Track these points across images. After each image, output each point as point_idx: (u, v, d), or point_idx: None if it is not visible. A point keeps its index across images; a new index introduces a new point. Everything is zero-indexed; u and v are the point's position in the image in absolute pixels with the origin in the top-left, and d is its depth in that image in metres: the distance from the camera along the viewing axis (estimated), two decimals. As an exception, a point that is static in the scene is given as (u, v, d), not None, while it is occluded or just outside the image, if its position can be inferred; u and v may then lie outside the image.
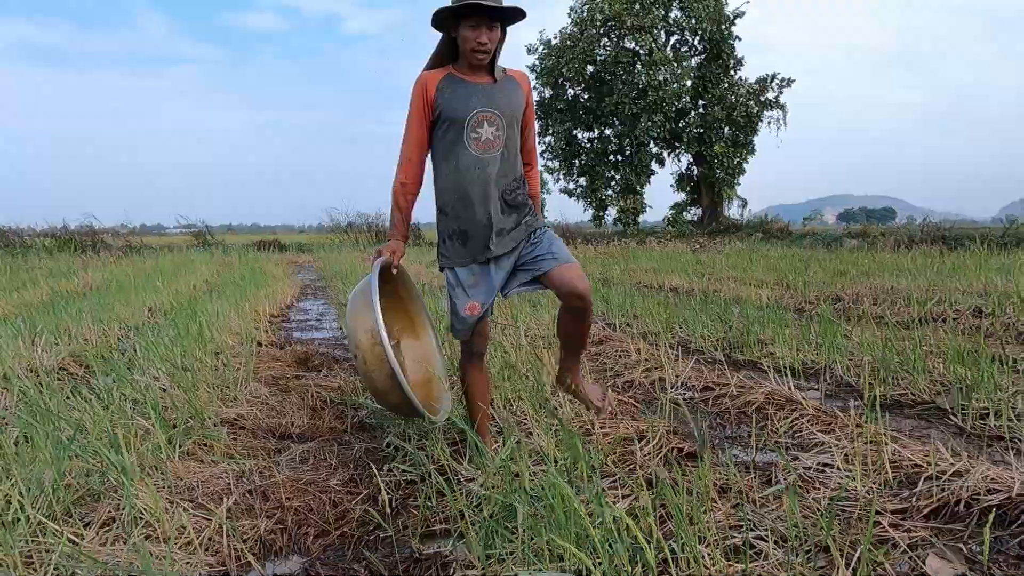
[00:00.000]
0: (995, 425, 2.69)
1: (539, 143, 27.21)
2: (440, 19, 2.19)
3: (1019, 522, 1.83)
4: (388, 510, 2.06)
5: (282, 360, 4.19)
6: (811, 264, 10.18)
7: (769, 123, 24.74)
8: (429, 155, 2.36)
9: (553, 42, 25.26)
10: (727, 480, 2.08)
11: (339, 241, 22.59)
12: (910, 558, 1.68)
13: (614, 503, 1.81)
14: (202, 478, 2.12)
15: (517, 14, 2.19)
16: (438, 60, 2.30)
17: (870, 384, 3.32)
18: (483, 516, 1.80)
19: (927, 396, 3.14)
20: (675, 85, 23.82)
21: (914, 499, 2.00)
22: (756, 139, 24.93)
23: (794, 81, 24.55)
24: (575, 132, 26.04)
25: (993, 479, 2.00)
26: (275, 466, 2.32)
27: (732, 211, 26.02)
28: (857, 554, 1.58)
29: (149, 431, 2.34)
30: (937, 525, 1.87)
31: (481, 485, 2.05)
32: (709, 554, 1.55)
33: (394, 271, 2.40)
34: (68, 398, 2.67)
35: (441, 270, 2.40)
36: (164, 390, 3.01)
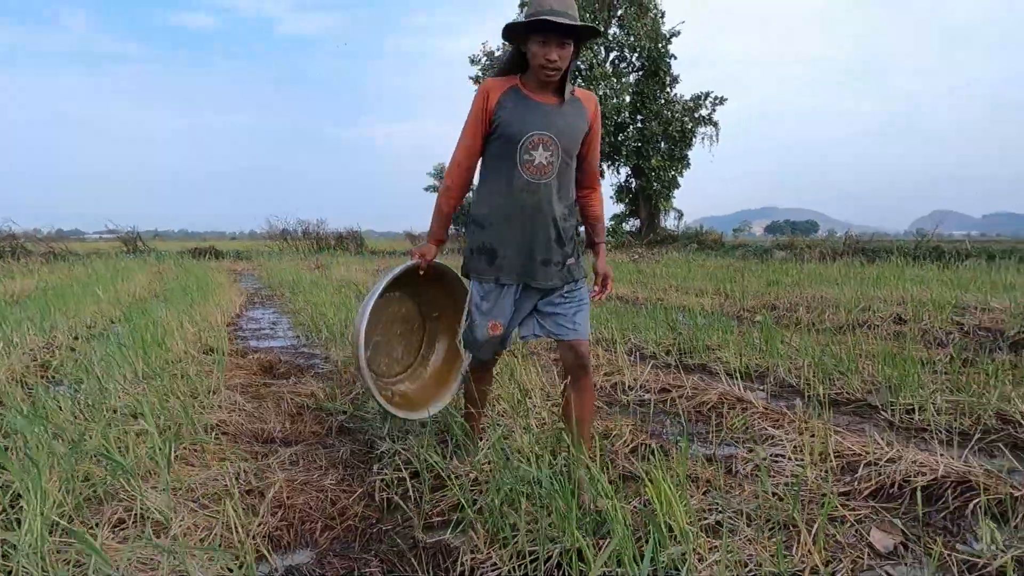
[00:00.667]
0: (920, 419, 3.02)
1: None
2: (510, 30, 2.12)
3: (943, 499, 2.12)
4: (385, 506, 2.18)
5: (247, 368, 4.20)
6: (745, 274, 10.73)
7: (703, 139, 25.77)
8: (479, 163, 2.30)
9: (496, 54, 25.58)
10: (694, 471, 2.30)
11: (279, 248, 22.14)
12: (856, 531, 1.93)
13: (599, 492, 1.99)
14: (200, 480, 2.18)
15: (590, 32, 2.10)
16: (506, 69, 2.22)
17: (810, 384, 3.66)
18: (479, 507, 1.95)
19: (860, 394, 3.47)
20: (615, 100, 24.52)
21: (856, 483, 2.27)
22: (690, 153, 25.94)
23: (726, 99, 25.69)
24: (517, 143, 26.42)
25: (921, 463, 2.30)
26: (267, 468, 2.39)
27: (668, 222, 26.94)
28: (815, 528, 1.81)
29: (141, 436, 2.37)
30: (877, 504, 2.14)
31: (476, 476, 2.19)
32: (692, 531, 1.75)
33: (421, 273, 2.42)
34: (44, 406, 2.66)
35: (466, 276, 2.38)
36: (136, 398, 3.02)
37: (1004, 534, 1.86)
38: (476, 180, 2.34)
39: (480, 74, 25.74)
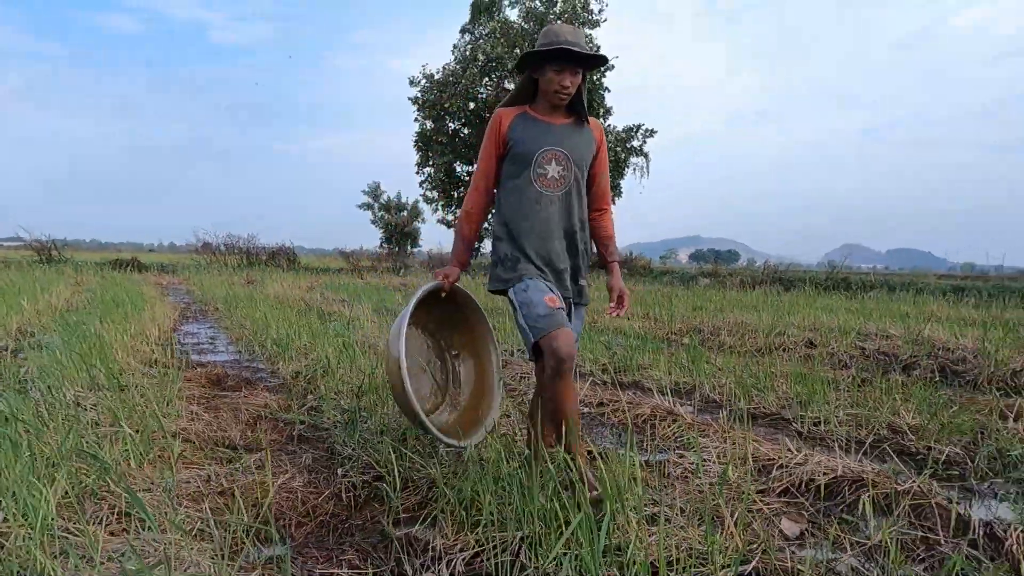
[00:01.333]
0: (824, 429, 3.42)
1: (419, 173, 27.61)
2: (528, 58, 2.29)
3: (841, 494, 2.48)
4: (353, 504, 2.35)
5: (195, 381, 4.24)
6: (673, 299, 11.32)
7: (634, 169, 26.81)
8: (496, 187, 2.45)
9: (436, 76, 25.92)
10: (633, 472, 2.58)
11: (207, 262, 21.52)
12: (769, 521, 2.25)
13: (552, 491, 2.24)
14: (175, 483, 2.29)
15: (600, 60, 2.30)
16: (516, 99, 2.41)
17: (731, 400, 4.03)
18: (448, 499, 2.16)
19: (775, 408, 3.87)
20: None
21: (770, 482, 2.60)
22: (622, 182, 26.90)
23: (656, 132, 26.87)
24: (455, 165, 26.72)
25: (824, 465, 2.65)
26: (235, 472, 2.51)
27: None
28: (736, 517, 2.11)
29: (109, 439, 2.45)
30: (787, 499, 2.47)
31: (435, 477, 2.39)
32: (636, 520, 2.01)
33: (443, 295, 2.46)
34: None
35: (493, 292, 2.45)
36: (95, 405, 3.06)
37: (888, 520, 2.21)
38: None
39: (419, 95, 26.00)
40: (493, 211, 2.53)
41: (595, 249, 2.64)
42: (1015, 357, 5.23)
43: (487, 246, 25.22)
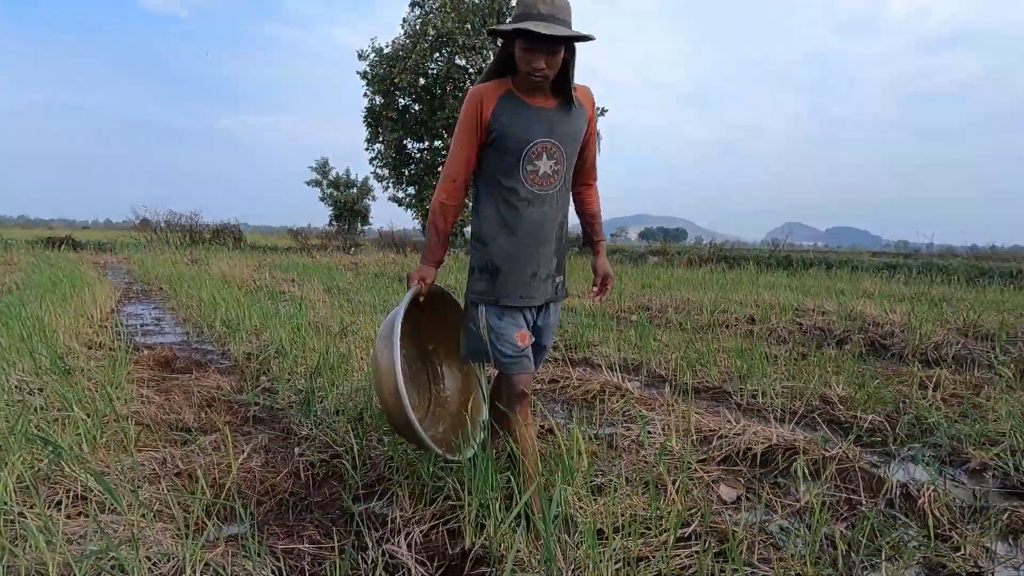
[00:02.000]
0: (762, 401, 3.62)
1: (369, 150, 27.16)
2: (494, 31, 1.94)
3: (775, 461, 2.65)
4: (312, 483, 2.40)
5: (143, 363, 4.17)
6: (622, 277, 11.56)
7: (585, 147, 26.95)
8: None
9: (385, 51, 25.42)
10: (579, 447, 2.70)
11: (147, 240, 20.76)
12: (708, 487, 2.40)
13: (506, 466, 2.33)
14: (129, 465, 2.29)
15: (578, 39, 1.91)
16: (495, 72, 2.06)
17: (677, 375, 4.21)
18: (402, 478, 2.23)
19: (717, 383, 4.06)
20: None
21: (711, 451, 2.77)
22: (574, 161, 27.05)
23: (607, 110, 27.06)
24: (405, 142, 26.38)
25: (760, 435, 2.83)
26: (191, 454, 2.52)
27: (552, 226, 27.93)
28: (677, 485, 2.25)
29: (60, 424, 2.43)
30: (726, 467, 2.64)
31: (392, 455, 2.46)
32: (583, 493, 2.13)
33: (421, 299, 2.18)
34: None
35: (471, 305, 2.16)
36: (41, 389, 3.01)
37: (816, 484, 2.39)
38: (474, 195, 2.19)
39: (368, 70, 25.48)
40: (471, 204, 2.24)
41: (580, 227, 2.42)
42: (937, 331, 5.59)
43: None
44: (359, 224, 39.25)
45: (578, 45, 1.98)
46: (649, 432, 2.94)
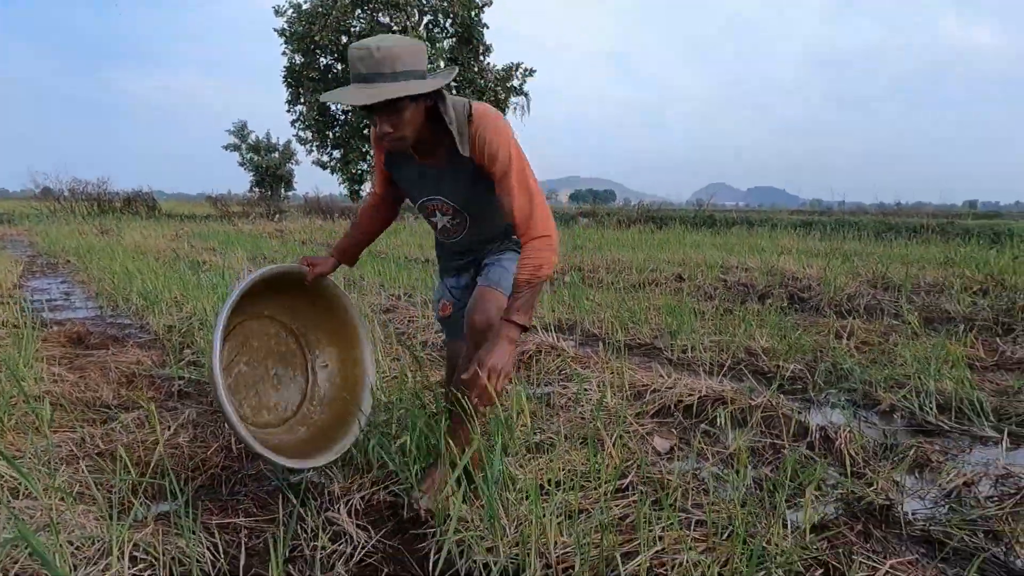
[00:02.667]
0: (691, 356, 3.75)
1: (290, 111, 26.05)
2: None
3: (704, 411, 2.76)
4: (245, 456, 2.33)
5: (52, 340, 3.91)
6: (555, 240, 11.65)
7: (515, 109, 26.77)
8: None
9: (304, 6, 24.26)
10: (521, 405, 2.73)
11: (51, 210, 19.38)
12: (643, 439, 2.47)
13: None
14: (43, 448, 2.16)
15: (406, 94, 1.56)
16: None
17: (610, 333, 4.30)
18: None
19: (648, 339, 4.17)
20: (430, 66, 24.55)
21: (644, 405, 2.85)
22: (503, 123, 26.83)
23: (536, 71, 26.87)
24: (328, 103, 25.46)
25: (690, 387, 2.93)
26: (112, 432, 2.40)
27: (482, 189, 27.79)
28: (613, 439, 2.31)
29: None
30: (659, 420, 2.72)
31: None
32: (523, 452, 2.15)
33: (306, 282, 2.11)
34: None
35: None
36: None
37: (743, 431, 2.51)
38: None
39: (286, 27, 24.27)
40: None
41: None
42: (850, 284, 5.92)
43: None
44: (282, 190, 37.83)
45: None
46: (586, 390, 3.00)
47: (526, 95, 26.81)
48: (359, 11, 24.37)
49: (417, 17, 25.64)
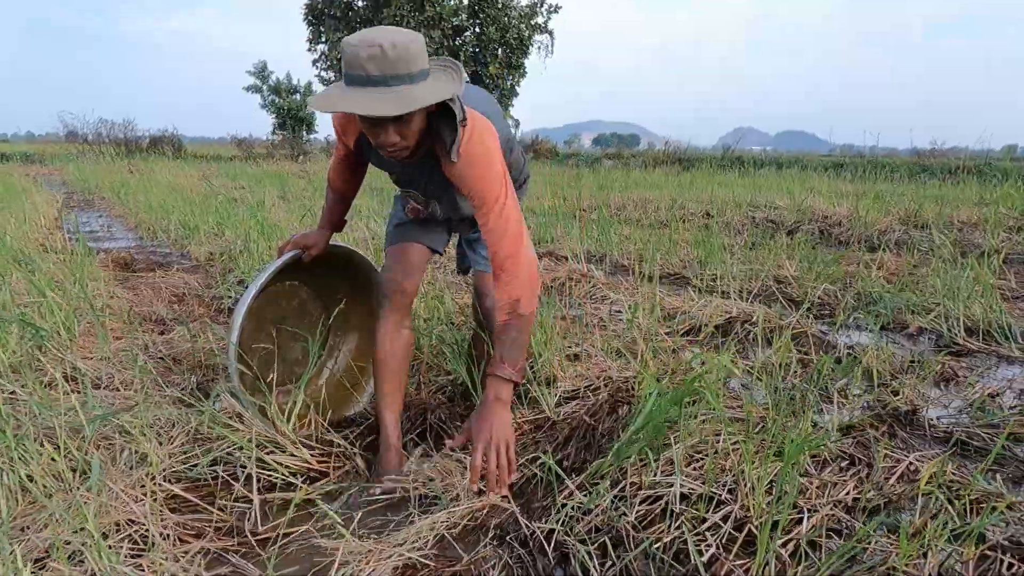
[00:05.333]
0: (720, 284, 3.80)
1: (311, 51, 25.74)
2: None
3: (735, 330, 2.84)
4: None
5: (102, 265, 4.08)
6: (580, 180, 11.58)
7: (539, 47, 26.15)
8: None
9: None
10: (556, 323, 2.83)
11: (79, 151, 19.61)
12: (674, 353, 2.57)
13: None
14: (111, 351, 2.31)
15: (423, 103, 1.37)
16: None
17: (638, 264, 4.36)
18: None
19: (677, 269, 4.23)
20: (452, 1, 23.95)
21: (675, 325, 2.93)
22: (526, 62, 26.28)
23: (561, 8, 26.09)
24: (351, 42, 25.09)
25: (720, 308, 3.01)
26: (171, 341, 2.55)
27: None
28: (646, 352, 2.40)
29: (43, 311, 2.41)
30: (690, 337, 2.81)
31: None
32: (559, 360, 2.26)
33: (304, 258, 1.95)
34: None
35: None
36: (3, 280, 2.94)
37: (770, 348, 2.59)
38: None
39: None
40: None
41: None
42: (880, 220, 5.87)
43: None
44: (304, 132, 37.69)
45: None
46: (617, 311, 3.08)
47: (550, 33, 26.13)
48: (380, -55, 23.70)
49: (439, -49, 24.87)
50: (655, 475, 1.53)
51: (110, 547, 1.23)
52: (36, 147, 28.12)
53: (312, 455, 1.74)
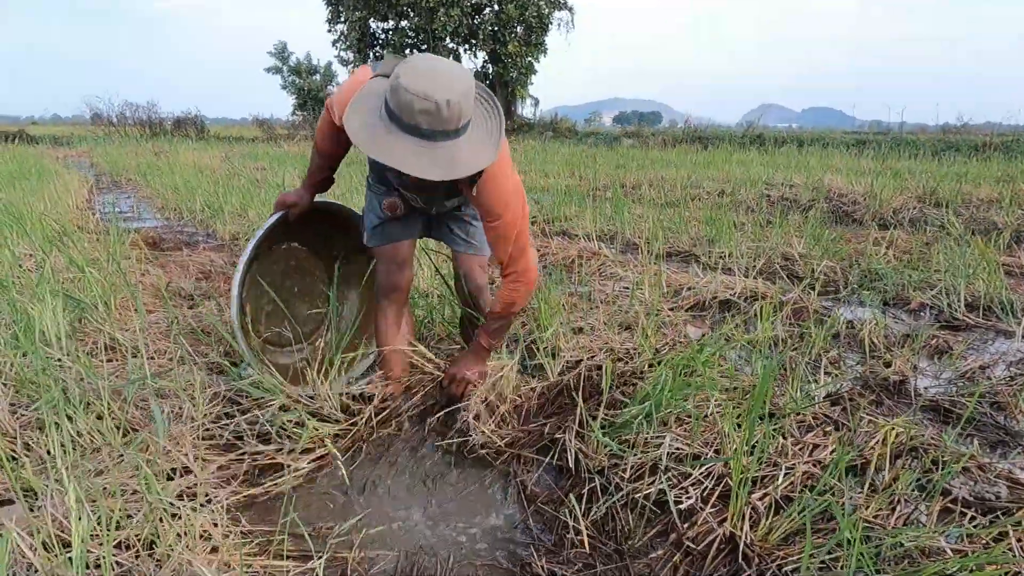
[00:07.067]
0: (728, 261, 3.88)
1: (331, 31, 25.80)
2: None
3: (738, 305, 2.93)
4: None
5: (132, 244, 4.26)
6: (597, 159, 11.59)
7: (559, 24, 25.93)
8: None
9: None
10: (564, 300, 2.94)
11: (105, 133, 19.98)
12: (677, 328, 2.67)
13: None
14: (146, 324, 2.47)
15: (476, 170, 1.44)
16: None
17: (649, 242, 4.44)
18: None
19: (687, 247, 4.30)
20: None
21: (680, 300, 3.03)
22: (546, 39, 26.08)
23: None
24: (370, 22, 25.07)
25: (725, 284, 3.09)
26: (198, 316, 2.71)
27: (524, 110, 27.35)
28: (640, 327, 2.50)
29: (82, 285, 2.58)
30: (694, 313, 2.91)
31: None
32: (563, 332, 2.37)
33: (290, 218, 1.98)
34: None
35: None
36: (39, 265, 3.12)
37: (775, 321, 2.68)
38: None
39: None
40: None
41: None
42: (896, 198, 5.86)
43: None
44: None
45: None
46: (625, 288, 3.18)
47: (571, 9, 25.88)
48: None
49: (458, -72, 24.66)
50: (647, 436, 1.65)
51: (162, 488, 1.38)
52: (63, 129, 28.64)
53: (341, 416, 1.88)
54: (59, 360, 1.98)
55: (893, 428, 1.67)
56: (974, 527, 1.33)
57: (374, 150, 1.38)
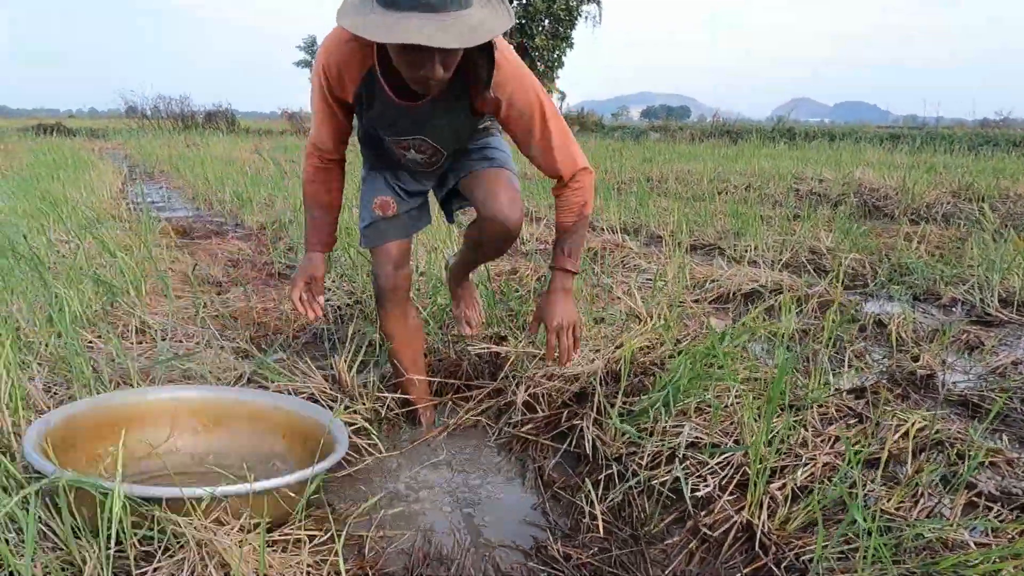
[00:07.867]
0: (753, 255, 3.84)
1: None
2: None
3: (762, 297, 2.90)
4: (340, 320, 2.64)
5: (162, 232, 4.35)
6: (623, 153, 11.52)
7: (586, 18, 25.80)
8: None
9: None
10: (586, 291, 2.94)
11: (139, 126, 20.41)
12: (701, 321, 2.65)
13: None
14: (174, 308, 2.53)
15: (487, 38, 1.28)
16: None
17: (674, 235, 4.41)
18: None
19: (713, 241, 4.26)
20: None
21: (704, 293, 3.01)
22: (573, 33, 25.98)
23: (609, -23, 25.60)
24: (398, 16, 25.24)
25: (750, 277, 3.06)
26: (226, 302, 2.76)
27: (551, 104, 27.30)
28: (673, 317, 2.49)
29: (113, 270, 2.65)
30: (717, 305, 2.88)
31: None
32: (585, 322, 2.37)
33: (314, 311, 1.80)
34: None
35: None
36: (74, 252, 3.21)
37: (799, 315, 2.64)
38: None
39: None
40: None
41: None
42: (929, 192, 5.74)
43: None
44: (353, 107, 38.11)
45: None
46: (648, 280, 3.17)
47: (598, 3, 25.74)
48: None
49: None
50: (666, 424, 1.64)
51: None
52: (99, 123, 29.33)
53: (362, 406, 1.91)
54: (90, 342, 2.03)
55: (918, 421, 1.64)
56: (999, 521, 1.30)
57: (383, 32, 1.23)
